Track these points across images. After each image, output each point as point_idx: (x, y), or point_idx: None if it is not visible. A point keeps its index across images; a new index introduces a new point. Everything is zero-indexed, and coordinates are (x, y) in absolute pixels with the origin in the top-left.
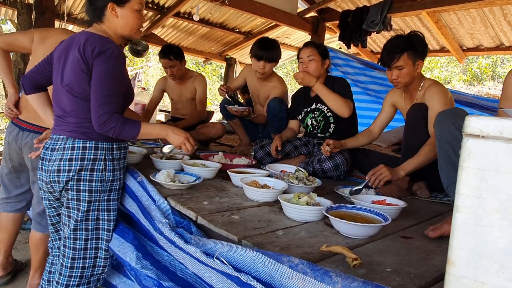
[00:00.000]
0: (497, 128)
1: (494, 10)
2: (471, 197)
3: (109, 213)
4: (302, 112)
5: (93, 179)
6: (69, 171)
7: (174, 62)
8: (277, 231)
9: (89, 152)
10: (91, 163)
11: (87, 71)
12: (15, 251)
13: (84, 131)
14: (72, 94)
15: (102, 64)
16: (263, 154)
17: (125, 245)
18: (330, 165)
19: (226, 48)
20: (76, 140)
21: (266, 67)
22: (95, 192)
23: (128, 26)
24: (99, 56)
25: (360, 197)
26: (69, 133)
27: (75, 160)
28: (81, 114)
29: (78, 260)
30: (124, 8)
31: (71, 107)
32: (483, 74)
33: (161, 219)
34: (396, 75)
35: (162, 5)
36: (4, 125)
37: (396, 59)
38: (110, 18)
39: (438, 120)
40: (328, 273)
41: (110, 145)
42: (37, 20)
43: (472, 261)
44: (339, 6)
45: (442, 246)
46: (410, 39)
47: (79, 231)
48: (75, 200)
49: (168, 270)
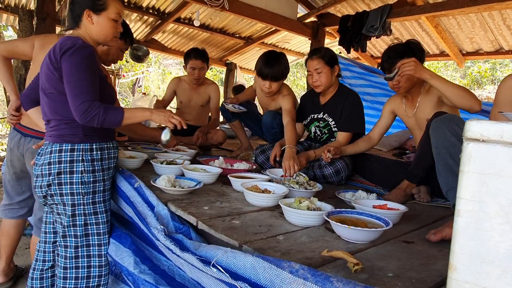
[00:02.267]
0: (497, 132)
1: (493, 14)
2: (472, 201)
3: (96, 216)
4: (308, 118)
5: (73, 181)
6: (49, 175)
7: (204, 65)
8: (278, 236)
9: (65, 154)
10: (68, 165)
11: (54, 69)
12: (15, 257)
13: (60, 133)
14: (46, 96)
15: (69, 57)
16: (264, 158)
17: (122, 250)
18: (331, 170)
19: (227, 53)
20: (54, 144)
21: (272, 86)
22: (77, 195)
23: (102, 33)
24: (66, 52)
25: (361, 201)
26: (50, 138)
27: (53, 164)
28: (57, 115)
29: (70, 270)
30: (100, 15)
31: (48, 110)
32: (482, 78)
33: (156, 226)
34: (397, 81)
35: (162, 10)
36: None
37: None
38: (86, 24)
39: (434, 127)
40: (329, 278)
41: (88, 145)
42: (38, 26)
43: (474, 265)
44: (338, 11)
45: (443, 250)
46: (408, 45)
47: (68, 238)
48: (61, 205)
49: (167, 275)
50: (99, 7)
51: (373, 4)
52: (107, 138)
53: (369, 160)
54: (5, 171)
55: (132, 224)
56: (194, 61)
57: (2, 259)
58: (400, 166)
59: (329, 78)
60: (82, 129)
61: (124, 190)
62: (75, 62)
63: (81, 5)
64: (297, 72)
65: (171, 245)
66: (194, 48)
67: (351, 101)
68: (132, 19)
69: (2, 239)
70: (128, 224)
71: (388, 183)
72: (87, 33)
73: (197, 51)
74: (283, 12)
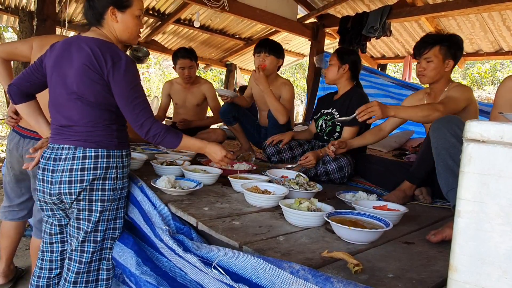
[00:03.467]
0: (497, 133)
1: (493, 15)
2: (472, 202)
3: (115, 221)
4: (319, 113)
5: (105, 188)
6: (82, 181)
7: (193, 64)
8: (278, 237)
9: (101, 160)
10: (104, 171)
11: (99, 79)
12: (15, 258)
13: (95, 139)
14: (82, 102)
15: (122, 74)
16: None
17: (125, 250)
18: (334, 166)
19: (227, 54)
20: (87, 149)
21: (266, 60)
22: (107, 202)
23: (127, 31)
24: (116, 65)
25: (361, 202)
26: (78, 142)
27: (88, 170)
28: (92, 122)
29: (82, 275)
30: (125, 13)
31: (80, 115)
32: (482, 79)
33: (161, 226)
34: (423, 67)
35: (162, 12)
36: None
37: (426, 50)
38: (109, 22)
39: (433, 128)
40: (329, 279)
41: (120, 152)
42: (38, 27)
43: (474, 266)
44: (338, 12)
45: (444, 251)
46: (448, 36)
47: (87, 243)
48: (87, 211)
49: (168, 276)
50: (124, 4)
51: (373, 5)
52: (129, 145)
53: (369, 161)
54: (5, 172)
55: (132, 225)
56: (182, 61)
57: (2, 261)
58: (400, 166)
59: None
60: (116, 136)
61: (130, 190)
62: (131, 79)
63: (104, 2)
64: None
65: (174, 245)
66: (181, 47)
67: (358, 98)
68: None
69: (2, 240)
70: (129, 224)
71: (388, 184)
72: (111, 32)
73: (184, 50)
74: (283, 13)
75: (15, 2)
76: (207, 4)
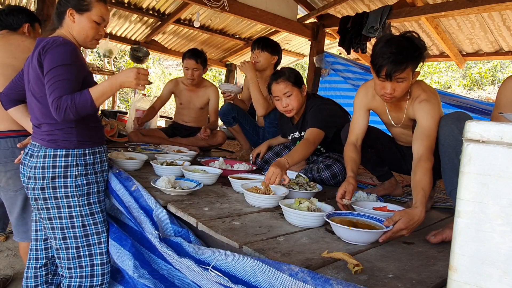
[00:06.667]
0: (497, 133)
1: (493, 15)
2: (472, 202)
3: (93, 216)
4: (289, 137)
5: (67, 185)
6: (43, 179)
7: (198, 66)
8: (278, 237)
9: (59, 160)
10: (63, 170)
11: (41, 72)
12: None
13: (54, 138)
14: (37, 100)
15: (48, 55)
16: (261, 162)
17: (123, 252)
18: (327, 174)
19: (227, 54)
20: (48, 149)
21: (260, 56)
22: (72, 197)
23: (83, 33)
24: (47, 51)
25: (361, 203)
26: (42, 141)
27: (47, 168)
28: (50, 120)
29: (74, 270)
30: (82, 16)
31: (40, 113)
32: (483, 79)
33: (152, 231)
34: (394, 89)
35: (163, 12)
36: None
37: (398, 72)
38: (68, 22)
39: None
40: (329, 281)
41: (81, 151)
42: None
43: (474, 266)
44: (338, 12)
45: (444, 251)
46: (415, 46)
47: (68, 240)
48: (55, 208)
49: (166, 279)
50: (82, 7)
51: (373, 5)
52: (98, 143)
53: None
54: None
55: (131, 226)
56: (188, 61)
57: None
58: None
59: (300, 100)
60: (76, 135)
61: (119, 195)
62: (54, 59)
63: (65, 4)
64: None
65: (168, 251)
66: (192, 48)
67: (312, 106)
68: (132, 20)
69: None
70: (127, 226)
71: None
72: (69, 32)
73: (192, 51)
74: (283, 13)
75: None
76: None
